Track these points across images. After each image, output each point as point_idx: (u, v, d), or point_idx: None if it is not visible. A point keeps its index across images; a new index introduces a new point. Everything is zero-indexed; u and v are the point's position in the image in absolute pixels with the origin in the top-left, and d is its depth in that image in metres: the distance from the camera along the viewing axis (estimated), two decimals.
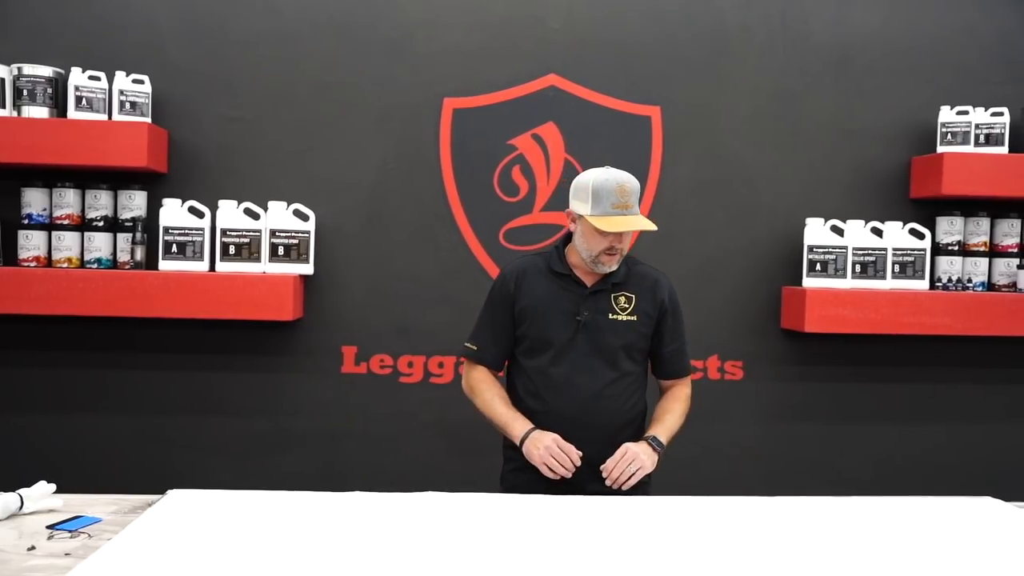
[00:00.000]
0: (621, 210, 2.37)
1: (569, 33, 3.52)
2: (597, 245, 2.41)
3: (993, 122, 3.48)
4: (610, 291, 2.48)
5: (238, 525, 1.96)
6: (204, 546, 1.81)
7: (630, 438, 2.49)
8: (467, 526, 2.01)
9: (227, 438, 3.46)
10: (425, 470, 3.50)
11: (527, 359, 2.51)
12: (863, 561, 1.83)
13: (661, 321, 2.53)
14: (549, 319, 2.47)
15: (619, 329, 2.47)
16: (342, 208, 3.46)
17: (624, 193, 2.37)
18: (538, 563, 1.77)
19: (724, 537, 1.96)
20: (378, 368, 3.50)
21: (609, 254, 2.41)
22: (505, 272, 2.57)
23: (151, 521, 1.98)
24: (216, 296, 3.20)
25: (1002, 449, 3.70)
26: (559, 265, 2.51)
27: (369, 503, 2.17)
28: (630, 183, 2.40)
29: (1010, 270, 3.55)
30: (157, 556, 1.75)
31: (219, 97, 3.42)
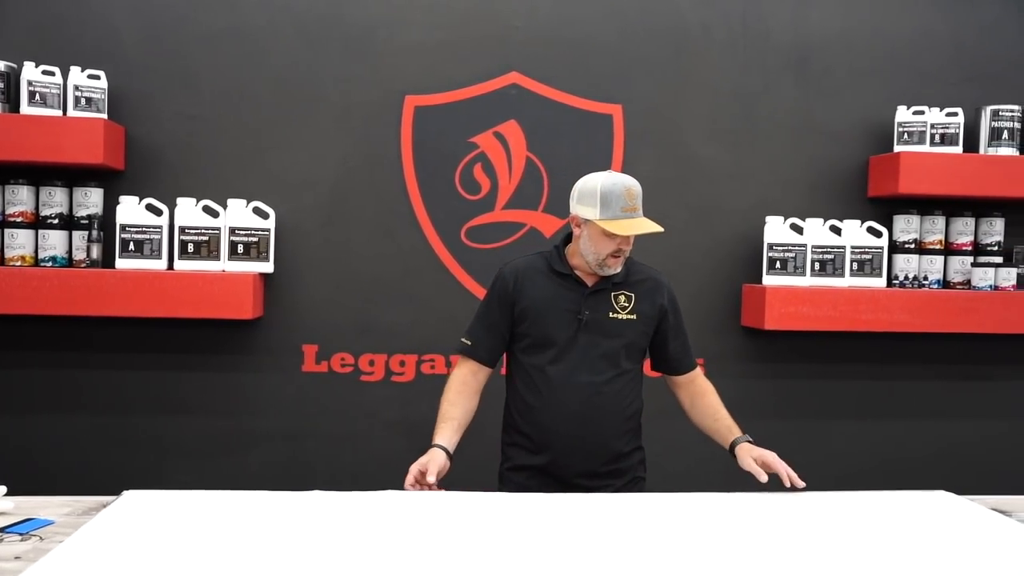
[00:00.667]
0: (630, 213, 2.40)
1: (531, 31, 3.52)
2: (605, 248, 2.42)
3: (948, 122, 3.54)
4: (610, 290, 2.50)
5: (195, 526, 1.94)
6: (159, 548, 1.79)
7: (627, 435, 2.52)
8: (435, 524, 2.00)
9: (186, 438, 3.42)
10: (387, 469, 3.45)
11: (527, 357, 2.52)
12: (819, 555, 1.85)
13: (662, 320, 2.56)
14: (550, 318, 2.48)
15: (619, 328, 2.48)
16: (302, 206, 3.43)
17: (632, 196, 2.40)
18: (506, 563, 1.77)
19: (688, 534, 1.98)
20: (339, 367, 3.48)
21: (615, 256, 2.43)
22: (505, 271, 2.57)
23: (105, 523, 1.95)
24: (175, 295, 3.16)
25: (958, 444, 3.76)
26: (560, 265, 2.51)
27: (329, 502, 2.16)
28: (636, 186, 2.43)
29: (964, 268, 3.61)
30: (109, 559, 1.73)
31: (177, 93, 3.38)
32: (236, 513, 2.04)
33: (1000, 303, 3.50)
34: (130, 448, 3.40)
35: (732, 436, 2.49)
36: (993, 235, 3.63)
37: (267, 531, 1.92)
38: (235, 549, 1.79)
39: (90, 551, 1.76)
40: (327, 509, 2.09)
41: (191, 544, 1.82)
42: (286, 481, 3.38)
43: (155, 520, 1.97)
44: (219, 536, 1.87)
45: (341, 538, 1.88)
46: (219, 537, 1.86)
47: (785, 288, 3.43)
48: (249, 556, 1.75)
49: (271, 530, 1.92)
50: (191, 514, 2.02)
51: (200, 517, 2.00)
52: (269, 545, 1.83)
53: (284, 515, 2.03)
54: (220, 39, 3.39)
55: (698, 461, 3.30)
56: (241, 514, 2.03)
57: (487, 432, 2.71)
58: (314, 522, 1.99)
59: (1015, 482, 3.59)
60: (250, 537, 1.87)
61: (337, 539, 1.88)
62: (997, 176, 3.48)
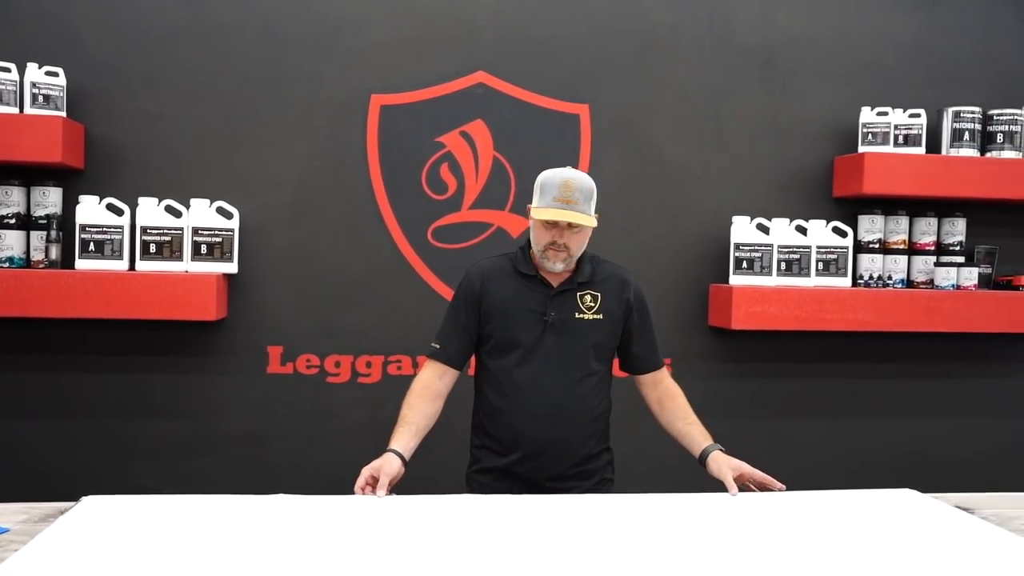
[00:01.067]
0: (562, 204, 2.36)
1: (497, 30, 3.50)
2: (541, 239, 2.41)
3: (911, 123, 3.57)
4: (576, 290, 2.47)
5: (156, 531, 1.90)
6: (118, 556, 1.75)
7: (596, 437, 2.51)
8: (404, 528, 1.99)
9: (149, 441, 3.37)
10: (353, 472, 3.40)
11: (494, 360, 2.48)
12: (786, 554, 1.86)
13: (628, 319, 2.53)
14: (515, 319, 2.45)
15: (586, 328, 2.46)
16: (267, 206, 3.39)
17: (568, 188, 2.36)
18: (479, 566, 1.76)
19: (658, 535, 1.98)
20: (304, 368, 3.45)
21: (553, 250, 2.40)
22: (470, 272, 2.54)
23: (63, 530, 1.91)
24: (136, 296, 3.11)
25: (922, 442, 3.80)
26: (524, 265, 2.49)
27: (294, 506, 2.13)
28: (578, 180, 2.39)
29: (928, 267, 3.65)
30: (67, 567, 1.69)
31: (138, 91, 3.32)
32: (198, 518, 2.01)
33: (962, 302, 3.54)
34: (90, 452, 3.34)
35: (704, 443, 2.46)
36: (955, 235, 3.67)
37: (230, 536, 1.89)
38: (197, 556, 1.76)
39: (47, 560, 1.72)
40: (291, 513, 2.07)
41: (152, 550, 1.78)
42: (251, 484, 3.34)
43: (115, 527, 1.93)
44: (181, 542, 1.84)
45: (307, 543, 1.86)
46: (181, 543, 1.83)
47: (752, 288, 3.44)
48: (212, 563, 1.72)
49: (234, 535, 1.89)
50: (152, 519, 1.98)
51: (161, 522, 1.96)
52: (232, 551, 1.80)
53: (247, 519, 2.00)
54: (183, 35, 3.34)
55: (664, 461, 3.29)
56: (203, 519, 2.00)
57: (455, 434, 2.69)
58: (279, 526, 1.96)
59: (977, 479, 3.64)
60: (213, 543, 1.84)
61: (303, 544, 1.85)
62: (959, 177, 3.52)
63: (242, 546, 1.82)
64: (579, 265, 2.50)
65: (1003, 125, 3.59)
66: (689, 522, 2.08)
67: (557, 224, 2.38)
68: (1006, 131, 3.58)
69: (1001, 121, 3.59)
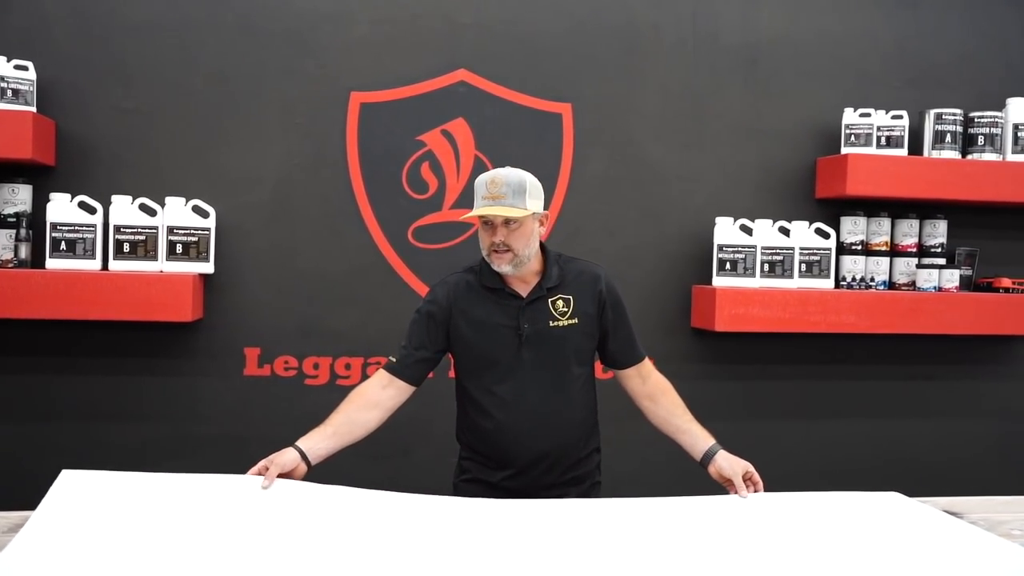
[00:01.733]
0: (489, 201, 2.27)
1: (479, 28, 3.46)
2: (483, 242, 2.33)
3: (893, 125, 3.57)
4: (547, 297, 2.38)
5: (143, 511, 1.91)
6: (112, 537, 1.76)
7: (585, 439, 2.45)
8: (390, 520, 1.98)
9: (123, 445, 3.29)
10: (331, 474, 3.38)
11: (473, 380, 2.40)
12: (771, 556, 1.84)
13: (603, 315, 2.43)
14: (490, 336, 2.35)
15: (562, 336, 2.37)
16: (244, 204, 3.32)
17: (495, 184, 2.28)
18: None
19: (647, 538, 1.95)
20: (282, 370, 3.38)
21: (496, 252, 2.30)
22: (436, 290, 2.44)
23: (51, 512, 1.90)
24: (109, 296, 3.03)
25: (906, 444, 3.80)
26: (490, 279, 2.39)
27: (288, 489, 2.12)
28: (505, 175, 2.29)
29: (909, 269, 3.65)
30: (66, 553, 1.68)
31: (111, 86, 3.24)
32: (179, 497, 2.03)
33: (944, 304, 3.54)
34: (61, 457, 3.22)
35: (708, 442, 2.38)
36: (936, 237, 3.67)
37: (215, 515, 1.91)
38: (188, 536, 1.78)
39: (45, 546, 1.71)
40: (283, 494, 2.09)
41: (139, 533, 1.80)
42: None
43: (102, 507, 1.94)
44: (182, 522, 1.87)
45: (305, 535, 1.87)
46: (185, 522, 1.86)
47: (735, 290, 3.42)
48: (204, 541, 1.76)
49: (217, 515, 1.92)
50: (135, 498, 2.00)
51: (145, 502, 1.98)
52: (217, 531, 1.82)
53: (227, 499, 2.03)
54: (157, 30, 3.26)
55: (647, 462, 3.28)
56: (183, 498, 2.02)
57: (436, 437, 2.64)
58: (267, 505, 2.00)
59: (961, 482, 3.66)
60: (197, 522, 1.87)
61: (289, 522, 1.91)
62: (941, 179, 3.52)
63: (248, 528, 1.85)
64: (546, 269, 2.41)
65: (984, 127, 3.60)
66: (675, 525, 2.05)
67: (492, 223, 2.30)
68: (987, 133, 3.59)
69: (982, 123, 3.60)
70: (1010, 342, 3.86)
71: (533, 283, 2.39)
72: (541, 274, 2.40)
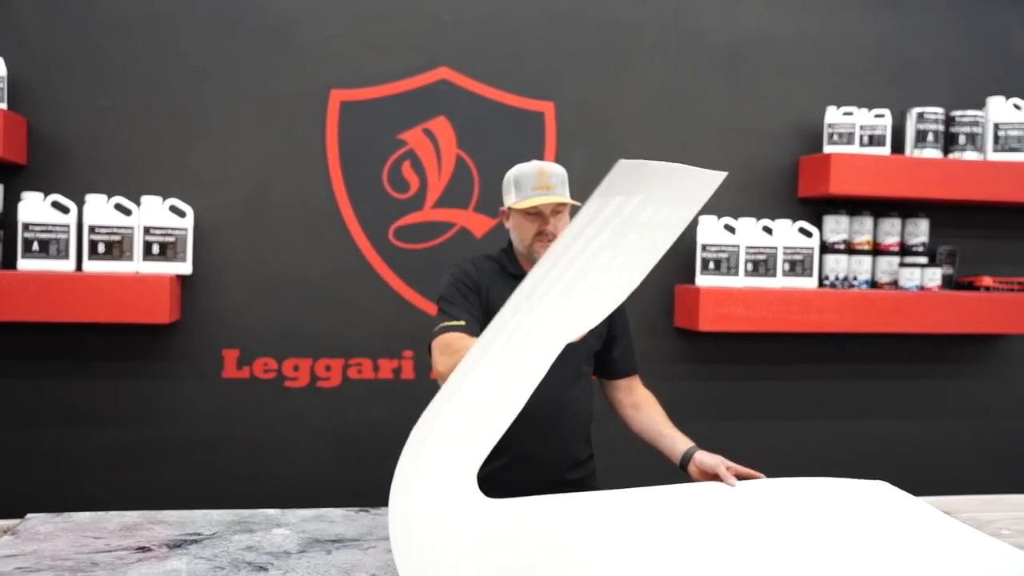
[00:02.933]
0: (542, 191, 2.30)
1: (460, 26, 3.42)
2: (527, 232, 2.33)
3: (876, 123, 3.56)
4: None
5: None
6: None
7: (585, 442, 2.47)
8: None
9: (98, 450, 3.23)
10: (313, 479, 3.36)
11: None
12: (758, 538, 1.84)
13: (612, 319, 2.45)
14: None
15: None
16: (222, 204, 3.27)
17: (544, 175, 2.31)
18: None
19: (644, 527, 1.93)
20: (261, 372, 3.33)
21: (540, 241, 2.32)
22: (466, 263, 2.41)
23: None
24: (84, 298, 2.97)
25: (889, 443, 3.80)
26: (513, 266, 2.40)
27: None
28: (551, 167, 2.34)
29: (892, 268, 3.65)
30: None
31: (85, 83, 3.18)
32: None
33: (926, 303, 3.54)
34: (35, 462, 3.19)
35: (686, 446, 2.36)
36: (918, 236, 3.67)
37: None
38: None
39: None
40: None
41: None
42: (206, 493, 3.23)
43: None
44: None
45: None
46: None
47: (719, 289, 3.40)
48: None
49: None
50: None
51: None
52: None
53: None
54: (132, 25, 3.20)
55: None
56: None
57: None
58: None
59: (944, 480, 3.67)
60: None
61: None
62: (923, 178, 3.52)
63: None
64: None
65: (965, 127, 3.60)
66: (665, 513, 2.03)
67: (541, 213, 2.32)
68: (968, 132, 3.60)
69: (963, 123, 3.60)
70: (991, 341, 3.87)
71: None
72: None
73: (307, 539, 1.91)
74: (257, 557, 1.79)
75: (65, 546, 1.82)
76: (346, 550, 1.85)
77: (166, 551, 1.81)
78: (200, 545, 1.85)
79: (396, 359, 3.41)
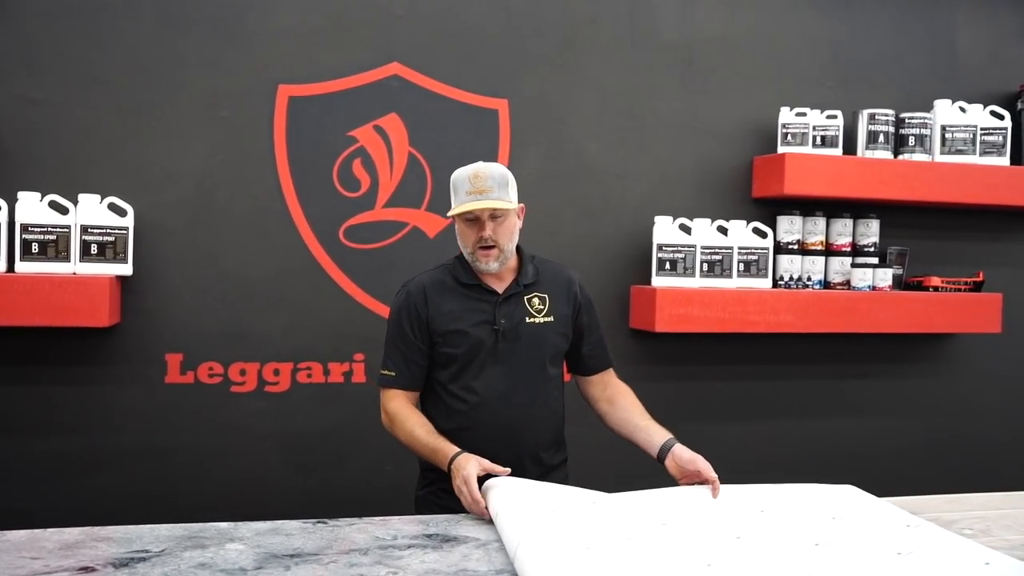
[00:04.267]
0: (475, 196, 2.25)
1: (413, 21, 3.34)
2: (468, 240, 2.29)
3: (828, 124, 3.57)
4: (523, 294, 2.35)
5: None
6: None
7: (556, 445, 2.41)
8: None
9: (32, 461, 3.06)
10: (260, 485, 3.24)
11: (446, 376, 2.33)
12: (726, 541, 1.83)
13: (577, 318, 2.42)
14: (465, 332, 2.29)
15: (538, 333, 2.33)
16: (165, 202, 3.14)
17: (478, 178, 2.25)
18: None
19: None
20: (206, 377, 3.20)
21: (483, 249, 2.28)
22: (408, 288, 2.37)
23: None
24: (16, 300, 2.82)
25: (843, 443, 3.81)
26: (466, 275, 2.35)
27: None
28: (487, 169, 2.28)
29: (844, 268, 3.66)
30: None
31: (16, 75, 3.02)
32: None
33: (878, 304, 3.56)
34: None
35: (664, 437, 2.31)
36: (869, 236, 3.69)
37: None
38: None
39: None
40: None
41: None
42: (149, 503, 3.10)
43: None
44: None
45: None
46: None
47: (675, 290, 3.38)
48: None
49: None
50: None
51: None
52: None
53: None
54: (67, 14, 3.04)
55: (604, 463, 3.21)
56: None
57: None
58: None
59: (899, 481, 3.69)
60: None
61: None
62: (875, 178, 3.54)
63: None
64: (521, 266, 2.39)
65: (914, 128, 3.64)
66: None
67: (478, 219, 2.27)
68: (917, 134, 3.63)
69: (912, 124, 3.64)
70: (940, 340, 3.92)
71: (509, 280, 2.36)
72: (517, 271, 2.38)
73: (263, 554, 1.82)
74: (211, 575, 1.69)
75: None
76: (306, 565, 1.76)
77: (112, 571, 1.70)
78: (149, 563, 1.74)
79: (347, 362, 3.31)
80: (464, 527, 2.02)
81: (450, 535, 1.96)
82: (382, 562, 1.77)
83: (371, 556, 1.81)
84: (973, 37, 3.92)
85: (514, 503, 1.97)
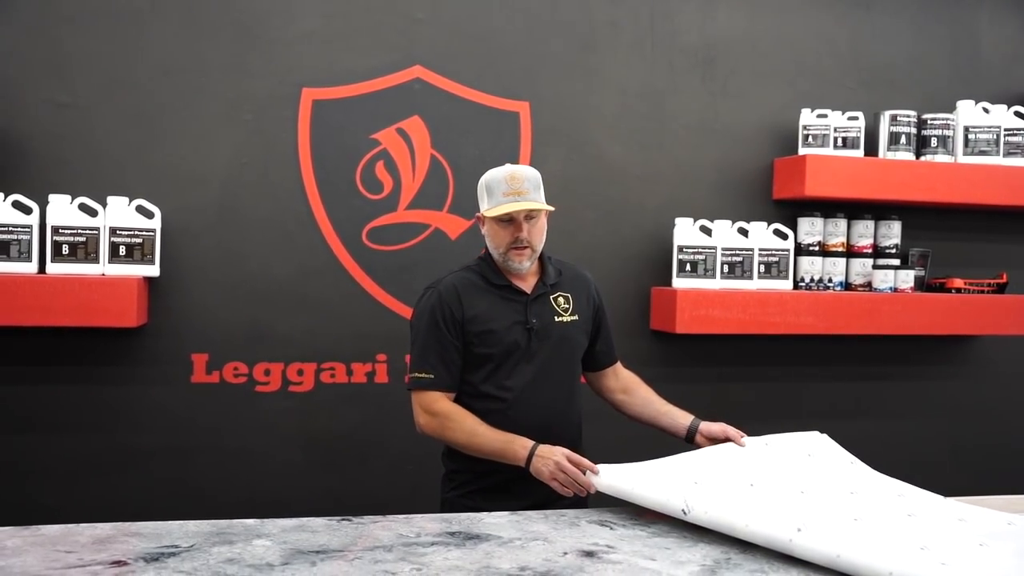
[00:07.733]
0: (513, 197, 2.28)
1: (435, 25, 3.37)
2: (502, 240, 2.32)
3: (849, 126, 3.57)
4: (549, 293, 2.40)
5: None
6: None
7: (578, 438, 2.45)
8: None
9: (62, 458, 3.12)
10: (284, 485, 3.28)
11: (479, 378, 2.34)
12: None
13: (595, 316, 2.50)
14: (499, 333, 2.32)
15: (566, 331, 2.39)
16: (191, 204, 3.18)
17: (515, 180, 2.29)
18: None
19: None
20: (231, 377, 3.25)
21: (516, 248, 2.32)
22: (439, 289, 2.36)
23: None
24: (47, 301, 2.87)
25: (862, 445, 3.78)
26: (495, 276, 2.38)
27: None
28: (523, 172, 2.32)
29: (865, 270, 3.66)
30: None
31: (47, 80, 3.08)
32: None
33: (900, 305, 3.55)
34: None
35: (688, 418, 2.46)
36: (891, 238, 3.69)
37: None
38: None
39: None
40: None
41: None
42: (174, 503, 3.14)
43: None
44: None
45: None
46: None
47: (696, 291, 3.39)
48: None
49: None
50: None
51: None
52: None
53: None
54: (95, 20, 3.10)
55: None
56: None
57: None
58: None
59: (917, 483, 3.67)
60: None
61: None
62: (896, 180, 3.54)
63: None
64: (543, 267, 2.43)
65: (936, 129, 3.63)
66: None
67: (514, 220, 2.31)
68: (939, 135, 3.62)
69: (935, 125, 3.63)
70: (963, 342, 3.90)
71: (533, 280, 2.41)
72: (539, 272, 2.43)
73: (290, 550, 1.85)
74: (239, 570, 1.72)
75: (35, 561, 1.74)
76: (331, 561, 1.79)
77: (143, 565, 1.74)
78: (178, 558, 1.78)
79: (369, 363, 3.34)
80: (487, 525, 2.04)
81: (473, 532, 1.98)
82: (406, 559, 1.80)
83: (395, 553, 1.83)
84: (996, 37, 3.91)
85: (647, 473, 2.14)
